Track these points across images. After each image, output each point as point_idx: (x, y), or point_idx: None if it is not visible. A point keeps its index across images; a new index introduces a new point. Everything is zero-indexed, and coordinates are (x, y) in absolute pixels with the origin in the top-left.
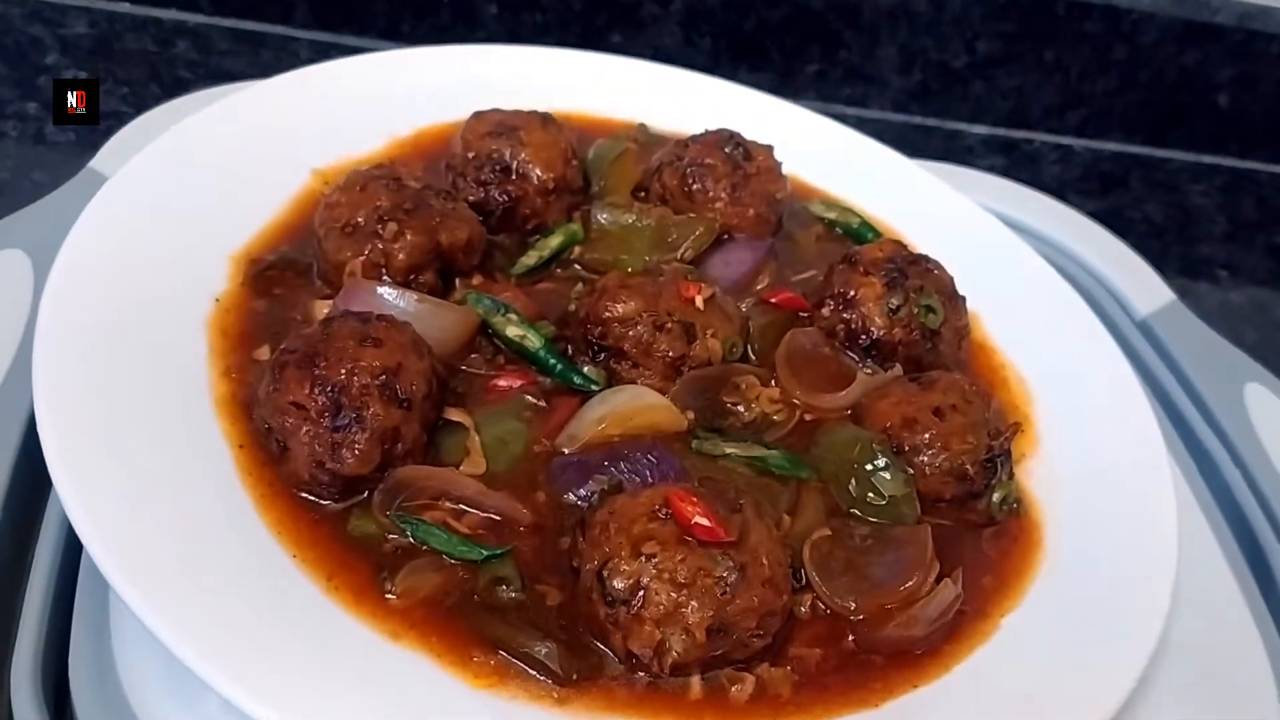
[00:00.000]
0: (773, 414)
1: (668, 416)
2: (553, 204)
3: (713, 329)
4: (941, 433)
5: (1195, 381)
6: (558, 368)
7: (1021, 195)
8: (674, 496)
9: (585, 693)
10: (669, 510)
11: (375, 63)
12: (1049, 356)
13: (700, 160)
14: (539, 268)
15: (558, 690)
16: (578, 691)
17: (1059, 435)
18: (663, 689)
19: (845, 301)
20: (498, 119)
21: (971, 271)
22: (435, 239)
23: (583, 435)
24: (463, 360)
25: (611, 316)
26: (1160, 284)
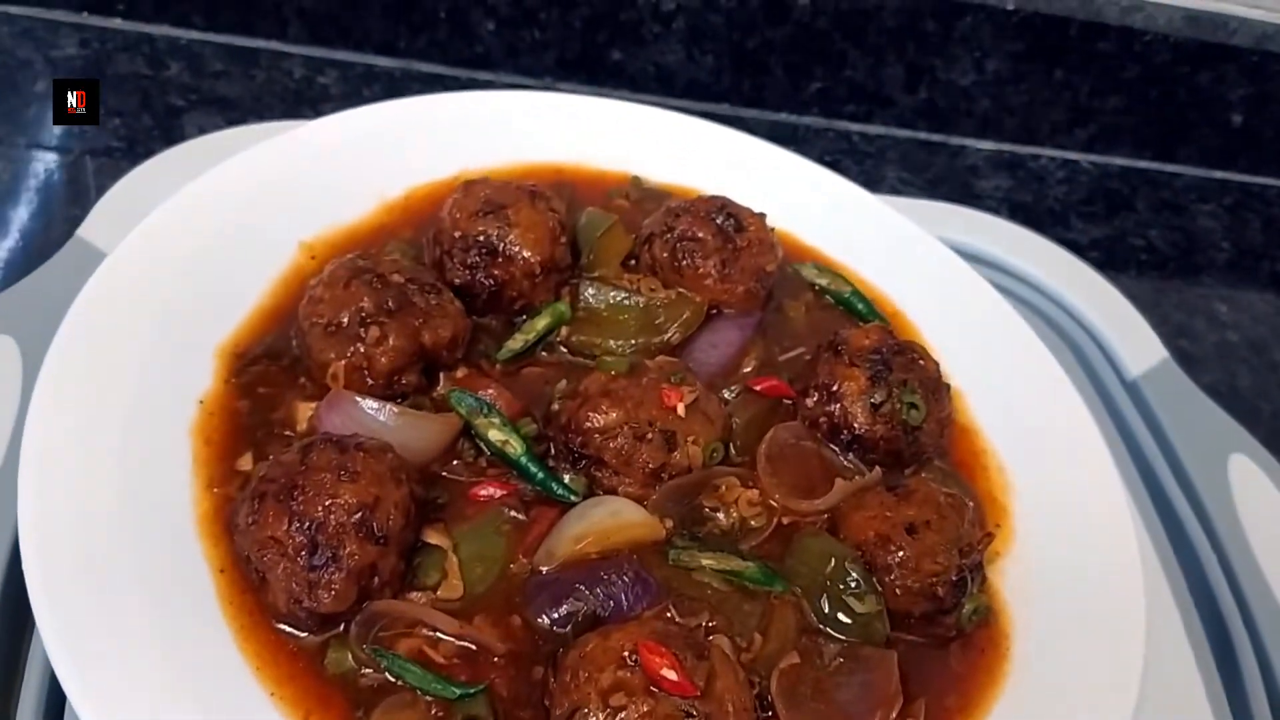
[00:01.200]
0: (751, 518)
1: (646, 531)
2: (540, 284)
3: (694, 435)
4: (913, 553)
5: (1180, 451)
6: (538, 476)
7: (1022, 239)
8: (643, 647)
9: None
10: (638, 658)
11: (361, 119)
12: (1030, 442)
13: (690, 233)
14: (525, 352)
15: None
16: None
17: (1034, 531)
18: None
19: (828, 394)
20: (485, 195)
21: (960, 347)
22: (418, 340)
23: (559, 554)
24: (445, 465)
25: (592, 427)
26: (1154, 340)
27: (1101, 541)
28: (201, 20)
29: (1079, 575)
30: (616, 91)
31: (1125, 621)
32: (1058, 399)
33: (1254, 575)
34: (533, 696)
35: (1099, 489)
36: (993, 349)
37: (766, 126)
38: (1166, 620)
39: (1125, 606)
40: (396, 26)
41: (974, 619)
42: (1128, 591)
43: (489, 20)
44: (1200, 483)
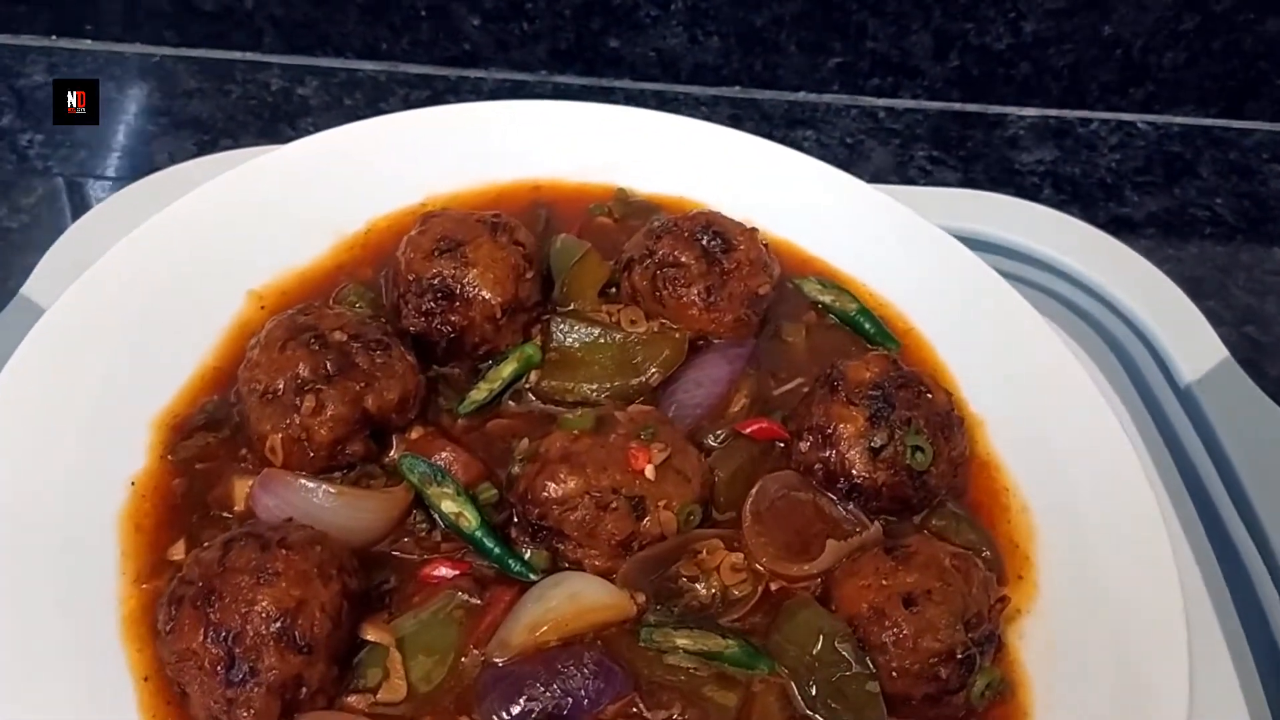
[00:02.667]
0: (734, 587)
1: (612, 612)
2: (505, 327)
3: (666, 499)
4: (912, 630)
5: (1242, 472)
6: (494, 552)
7: (1061, 226)
8: None
9: None
10: None
11: (313, 148)
12: (1059, 477)
13: (672, 258)
14: (490, 403)
15: None
16: None
17: (1062, 583)
18: None
19: (823, 437)
20: (442, 230)
21: (981, 369)
22: (361, 406)
23: (513, 644)
24: (395, 543)
25: (550, 498)
26: (1212, 339)
27: (1142, 595)
28: (174, 36)
29: (1114, 637)
30: (617, 82)
31: (1167, 695)
32: (1093, 425)
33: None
34: None
35: (1140, 531)
36: (1018, 370)
37: (783, 108)
38: (1222, 685)
39: (1167, 676)
40: (376, 29)
41: (987, 696)
42: (1170, 657)
43: (473, 15)
44: (1266, 512)
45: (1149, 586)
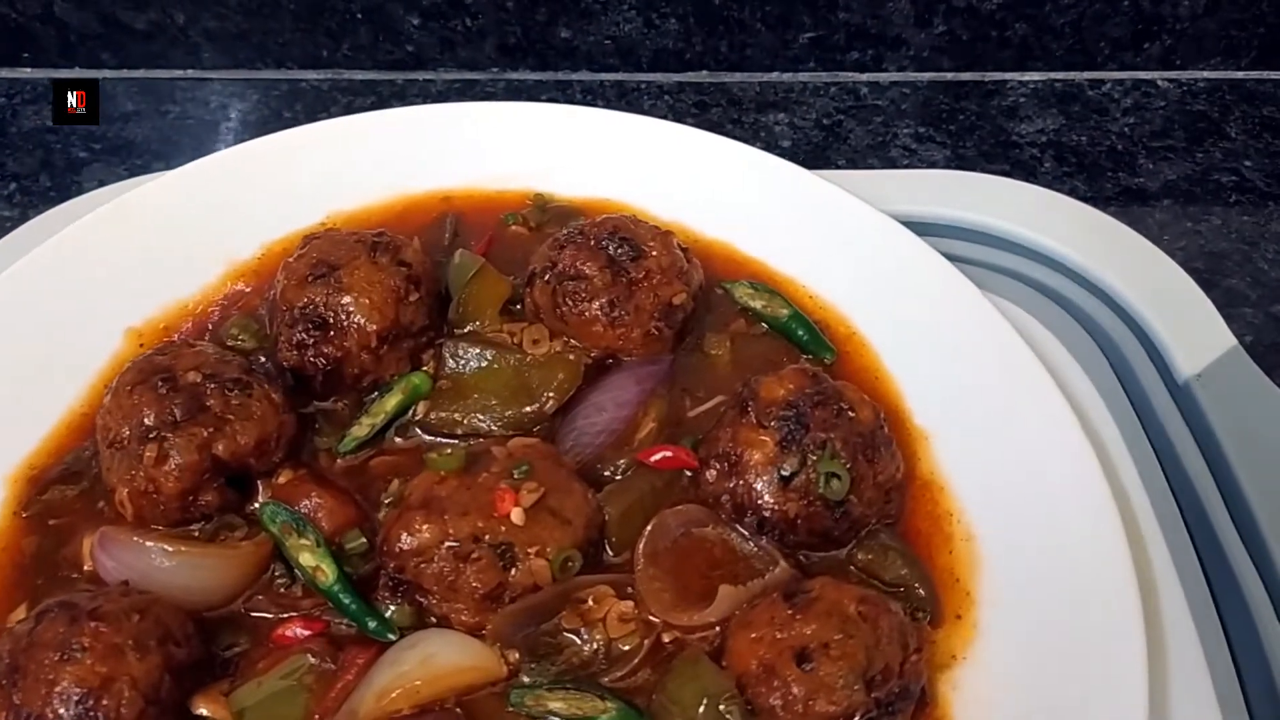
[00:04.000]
0: (620, 640)
1: (474, 675)
2: (387, 356)
3: (537, 545)
4: (803, 692)
5: (1243, 479)
6: (351, 609)
7: (1055, 207)
8: None
9: None
10: None
11: (205, 169)
12: (1014, 501)
13: (574, 270)
14: (374, 439)
15: None
16: None
17: (1005, 625)
18: None
19: (730, 465)
20: (318, 254)
21: (930, 378)
22: (210, 453)
23: (361, 714)
24: (249, 601)
25: (406, 549)
26: (1220, 327)
27: (1099, 644)
28: (111, 58)
29: (1064, 689)
30: (574, 75)
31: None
32: (1056, 440)
33: None
34: None
35: (1103, 565)
36: (972, 378)
37: (754, 91)
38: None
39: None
40: (315, 35)
41: None
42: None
43: (411, 14)
44: (1270, 525)
45: (1108, 633)
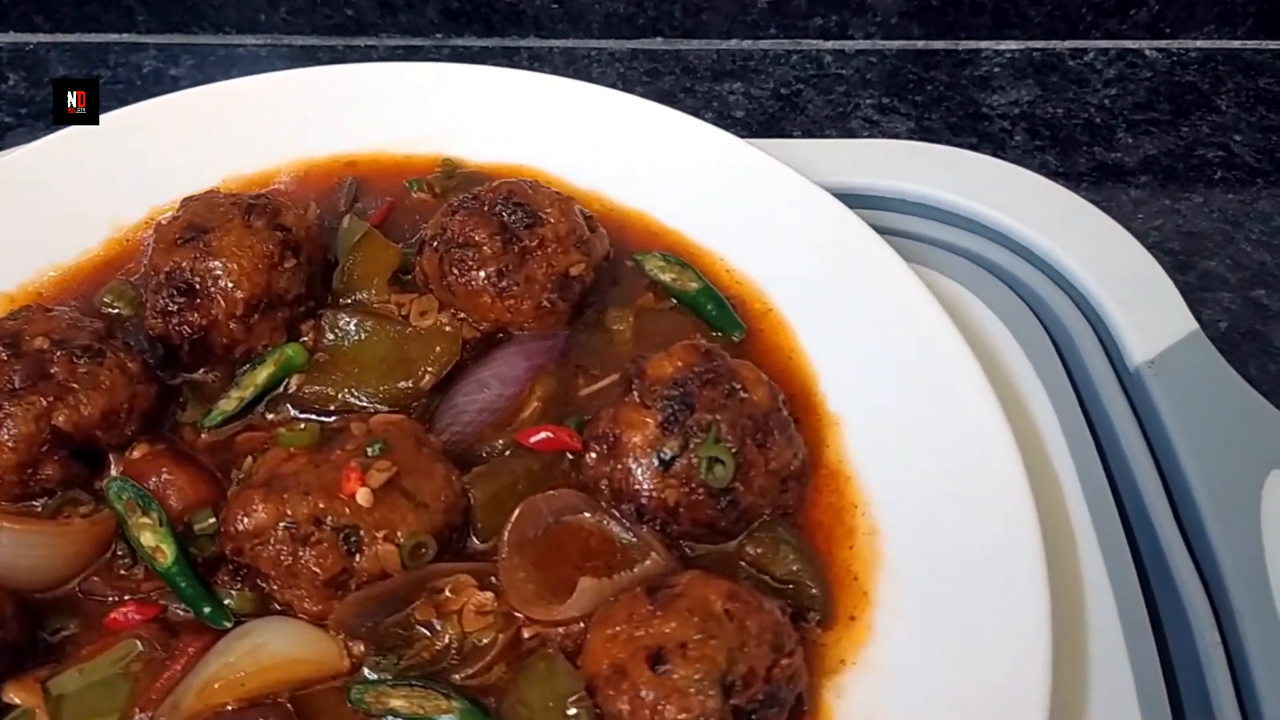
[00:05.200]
0: (476, 634)
1: (309, 668)
2: (258, 325)
3: (386, 529)
4: (653, 696)
5: (1189, 470)
6: (186, 592)
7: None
8: None
9: None
10: None
11: (92, 134)
12: (925, 494)
13: (463, 237)
14: (241, 413)
15: None
16: None
17: (903, 630)
18: None
19: (609, 447)
20: (190, 217)
21: (846, 359)
22: (49, 424)
23: (185, 705)
24: (85, 581)
25: (243, 530)
26: (1181, 310)
27: (1003, 656)
28: (45, 21)
29: (958, 704)
30: (522, 41)
31: None
32: (977, 430)
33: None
34: None
35: (1014, 569)
36: (893, 361)
37: (711, 59)
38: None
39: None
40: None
41: None
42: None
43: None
44: (1212, 516)
45: (1013, 649)
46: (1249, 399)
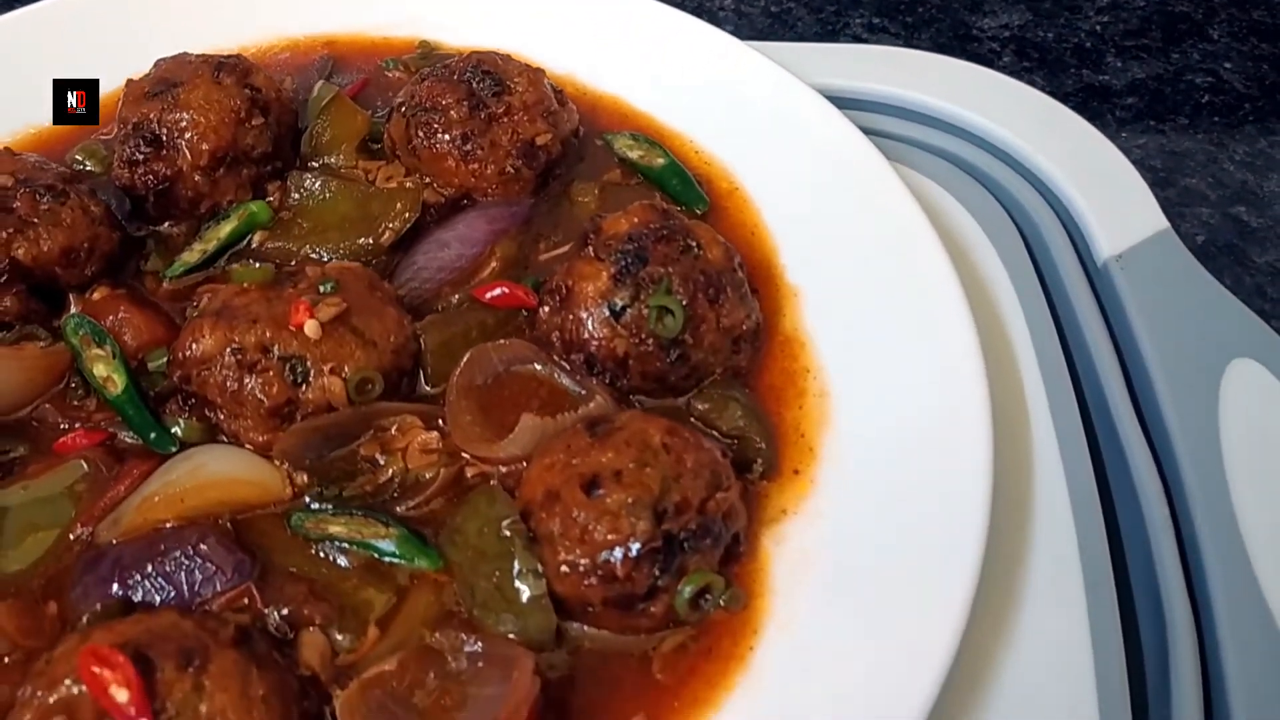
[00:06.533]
0: (419, 470)
1: (248, 490)
2: (223, 180)
3: (333, 362)
4: (584, 517)
5: (1149, 357)
6: (134, 419)
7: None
8: (87, 657)
9: None
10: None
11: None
12: (877, 361)
13: (429, 101)
14: (204, 264)
15: None
16: None
17: (843, 484)
18: None
19: (562, 299)
20: (162, 72)
21: (806, 233)
22: (8, 254)
23: (124, 521)
24: (37, 409)
25: (191, 357)
26: (1153, 210)
27: (938, 511)
28: None
29: (891, 553)
30: None
31: (931, 640)
32: (933, 303)
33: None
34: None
35: (958, 431)
36: (853, 237)
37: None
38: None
39: (941, 615)
40: None
41: (704, 607)
42: (949, 589)
43: None
44: (1169, 401)
45: (949, 507)
46: (1216, 292)
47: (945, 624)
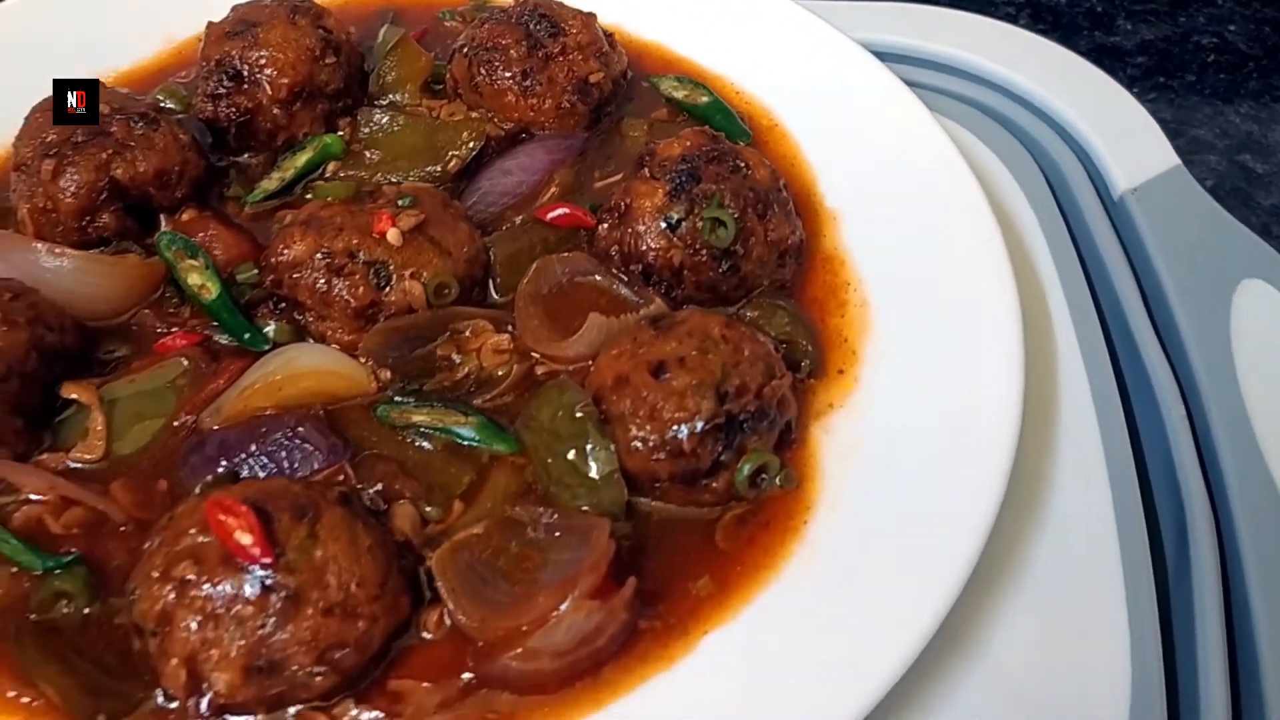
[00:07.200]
0: (494, 368)
1: (337, 381)
2: (300, 113)
3: (413, 268)
4: (653, 397)
5: (1165, 278)
6: (229, 321)
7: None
8: (213, 507)
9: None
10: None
11: None
12: (913, 273)
13: (490, 42)
14: (282, 191)
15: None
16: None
17: (884, 382)
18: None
19: (620, 215)
20: (242, 14)
21: (845, 163)
22: (108, 174)
23: (225, 409)
24: (136, 315)
25: (283, 261)
26: (1163, 147)
27: (973, 405)
28: None
29: (929, 441)
30: None
31: (969, 514)
32: (964, 222)
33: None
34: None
35: (991, 337)
36: (888, 166)
37: None
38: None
39: (977, 493)
40: None
41: (761, 485)
42: (986, 471)
43: None
44: (1185, 317)
45: (984, 397)
46: (1224, 220)
47: (982, 501)
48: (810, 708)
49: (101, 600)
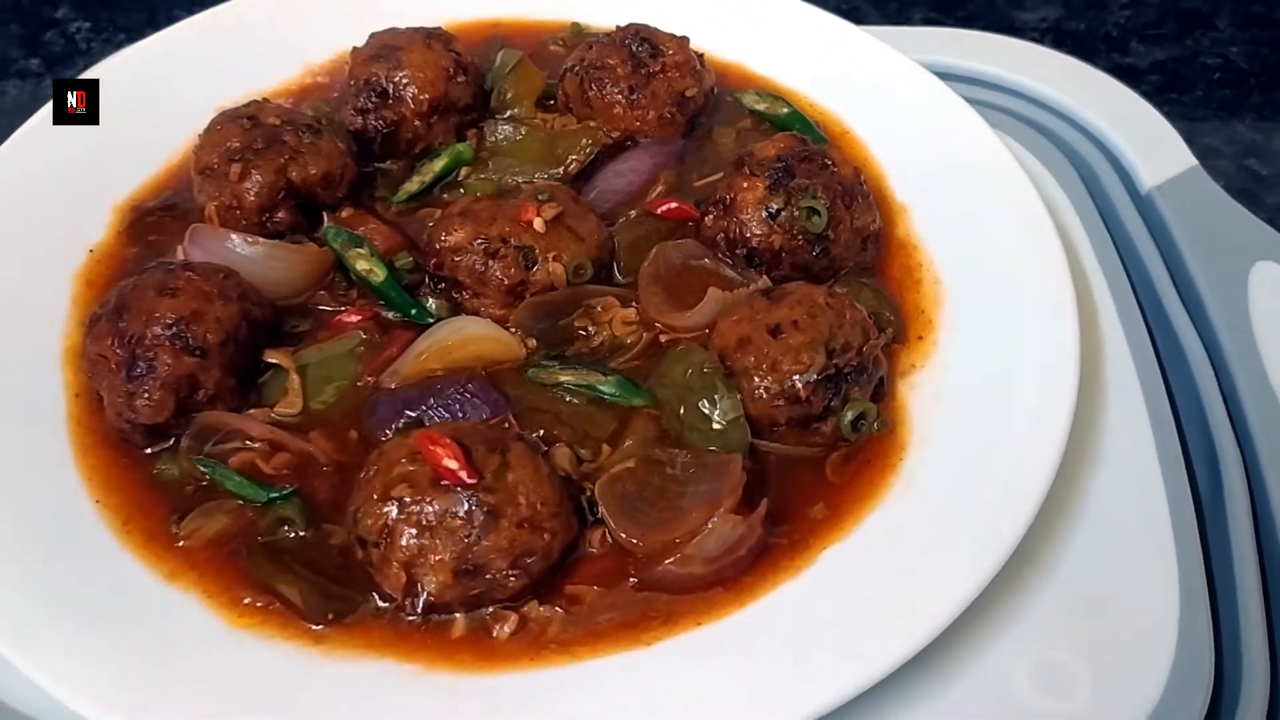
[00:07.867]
0: (624, 337)
1: (496, 347)
2: (436, 125)
3: (555, 251)
4: (772, 353)
5: (1190, 260)
6: (397, 299)
7: (1034, 56)
8: (423, 439)
9: (344, 631)
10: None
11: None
12: (975, 253)
13: (599, 62)
14: (422, 193)
15: (315, 629)
16: (336, 631)
17: (958, 344)
18: (425, 628)
19: (725, 208)
20: (383, 40)
21: (912, 163)
22: (285, 176)
23: (403, 371)
24: (312, 298)
25: (445, 246)
26: (1180, 149)
27: (1035, 369)
28: None
29: (1000, 397)
30: None
31: (1038, 454)
32: (1020, 212)
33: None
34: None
35: (1048, 310)
36: (949, 163)
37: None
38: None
39: (1043, 432)
40: None
41: (862, 428)
42: (1050, 417)
43: None
44: (1209, 294)
45: (1044, 362)
46: (1238, 211)
47: (1049, 443)
48: (912, 608)
49: (315, 526)
